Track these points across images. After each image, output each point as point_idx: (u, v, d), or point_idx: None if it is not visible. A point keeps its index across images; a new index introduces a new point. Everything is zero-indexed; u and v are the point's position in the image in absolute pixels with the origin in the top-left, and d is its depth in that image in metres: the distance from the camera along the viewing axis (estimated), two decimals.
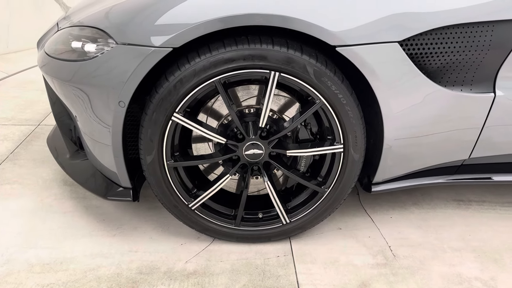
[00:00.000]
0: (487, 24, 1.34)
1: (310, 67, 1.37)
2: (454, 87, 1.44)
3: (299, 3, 1.30)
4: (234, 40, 1.36)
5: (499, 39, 1.35)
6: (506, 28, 1.34)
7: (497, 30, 1.34)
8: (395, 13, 1.31)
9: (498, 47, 1.37)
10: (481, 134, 1.53)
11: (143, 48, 1.34)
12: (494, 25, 1.34)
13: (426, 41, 1.35)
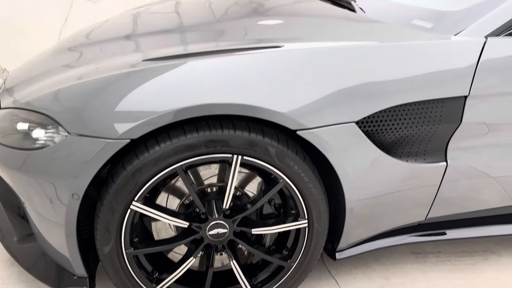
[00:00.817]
0: (437, 101, 1.40)
1: (272, 149, 1.37)
2: (409, 158, 1.49)
3: (258, 91, 1.31)
4: (194, 126, 1.33)
5: (448, 113, 1.42)
6: (454, 104, 1.41)
7: (447, 105, 1.41)
8: (352, 96, 1.35)
9: (447, 121, 1.43)
10: (436, 198, 1.59)
11: (98, 140, 1.28)
12: (443, 101, 1.40)
13: (381, 119, 1.40)
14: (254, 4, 2.17)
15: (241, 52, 1.39)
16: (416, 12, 1.64)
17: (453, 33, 1.46)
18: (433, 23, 1.54)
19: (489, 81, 1.40)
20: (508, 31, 1.42)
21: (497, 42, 1.40)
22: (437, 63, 1.39)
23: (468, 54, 1.39)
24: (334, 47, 1.38)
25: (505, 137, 1.50)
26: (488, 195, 1.62)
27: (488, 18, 1.44)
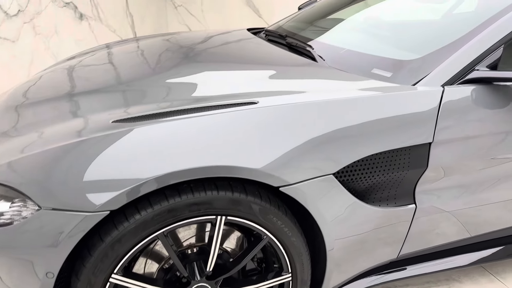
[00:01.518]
0: (405, 149, 1.48)
1: (256, 206, 1.36)
2: (381, 203, 1.55)
3: (240, 150, 1.30)
4: (176, 190, 1.29)
5: (415, 160, 1.51)
6: (420, 151, 1.50)
7: (414, 152, 1.50)
8: (329, 150, 1.39)
9: (415, 167, 1.52)
10: (406, 237, 1.66)
11: (73, 213, 1.20)
12: (410, 149, 1.49)
13: (355, 168, 1.46)
14: (202, 50, 2.19)
15: (217, 110, 1.38)
16: (375, 61, 1.72)
17: (411, 82, 1.56)
18: (392, 72, 1.63)
19: (450, 127, 1.50)
20: (461, 80, 1.54)
21: (453, 90, 1.52)
22: (403, 113, 1.46)
23: (429, 103, 1.49)
24: (310, 102, 1.42)
25: (465, 177, 1.60)
26: (450, 230, 1.72)
27: (442, 68, 1.55)
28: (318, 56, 1.84)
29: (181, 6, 5.37)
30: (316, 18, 2.46)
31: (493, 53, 1.56)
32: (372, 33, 2.09)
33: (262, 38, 2.35)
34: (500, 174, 1.64)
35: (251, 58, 2.05)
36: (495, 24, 1.60)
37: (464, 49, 1.57)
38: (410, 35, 1.93)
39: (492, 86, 1.55)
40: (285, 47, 2.08)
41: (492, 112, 1.54)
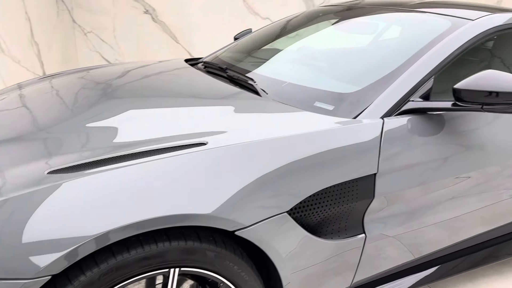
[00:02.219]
0: (352, 182, 1.50)
1: (211, 253, 1.28)
2: (333, 235, 1.55)
3: (191, 198, 1.23)
4: (124, 245, 1.17)
5: (362, 191, 1.53)
6: (367, 181, 1.53)
7: (361, 184, 1.52)
8: (282, 188, 1.36)
9: (362, 198, 1.54)
10: (359, 265, 1.67)
11: (9, 282, 1.04)
12: (357, 181, 1.51)
13: (307, 204, 1.44)
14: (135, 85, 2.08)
15: (162, 154, 1.29)
16: (317, 94, 1.74)
17: (352, 115, 1.60)
18: (334, 105, 1.66)
19: (392, 157, 1.55)
20: (397, 111, 1.61)
21: (391, 122, 1.57)
22: (349, 146, 1.49)
23: (372, 135, 1.52)
24: (260, 140, 1.39)
25: (408, 203, 1.66)
26: (396, 254, 1.77)
27: (380, 101, 1.61)
28: (261, 90, 1.82)
29: (91, 32, 5.11)
30: (254, 48, 2.45)
31: (425, 84, 1.65)
32: (311, 64, 2.12)
33: (201, 69, 2.28)
34: (439, 197, 1.72)
35: (189, 92, 1.97)
36: (424, 57, 1.71)
37: (399, 82, 1.65)
38: (348, 67, 2.00)
39: (426, 115, 1.63)
40: (225, 79, 2.03)
41: (428, 139, 1.62)
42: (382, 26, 2.23)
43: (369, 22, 2.28)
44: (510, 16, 1.95)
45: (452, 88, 1.55)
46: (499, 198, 1.90)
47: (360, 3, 2.51)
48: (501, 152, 1.81)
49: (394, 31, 2.17)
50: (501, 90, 1.49)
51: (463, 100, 1.54)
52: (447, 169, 1.67)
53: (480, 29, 1.82)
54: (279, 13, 4.43)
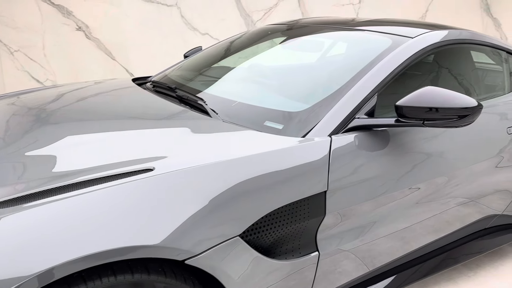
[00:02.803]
0: (304, 200, 1.49)
1: (160, 285, 1.20)
2: (287, 255, 1.51)
3: (137, 228, 1.15)
4: (66, 283, 1.07)
5: (314, 209, 1.52)
6: (318, 199, 1.52)
7: (312, 202, 1.51)
8: (233, 212, 1.32)
9: (314, 216, 1.53)
10: (314, 283, 1.64)
11: None
12: (308, 199, 1.50)
13: (259, 225, 1.40)
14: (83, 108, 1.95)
15: (105, 183, 1.21)
16: (267, 113, 1.73)
17: (301, 134, 1.59)
18: (283, 124, 1.65)
19: (341, 175, 1.55)
20: (344, 128, 1.63)
21: (339, 139, 1.58)
22: (299, 165, 1.47)
23: (321, 153, 1.52)
24: (209, 164, 1.33)
25: (361, 217, 1.67)
26: (352, 268, 1.76)
27: (327, 119, 1.62)
28: (211, 110, 1.77)
29: (18, 51, 4.80)
30: (204, 66, 2.40)
31: (369, 101, 1.69)
32: (261, 83, 2.10)
33: (149, 89, 2.18)
34: (390, 209, 1.74)
35: (134, 113, 1.87)
36: (368, 75, 1.75)
37: (344, 100, 1.67)
38: (296, 85, 2.00)
39: (372, 132, 1.66)
40: (175, 99, 1.96)
41: (375, 154, 1.65)
42: (328, 45, 2.26)
43: (316, 40, 2.31)
44: (447, 32, 2.05)
45: (394, 105, 1.58)
46: (447, 206, 1.97)
47: (307, 22, 2.54)
48: (446, 163, 1.88)
49: (339, 49, 2.20)
50: (440, 106, 1.54)
51: (405, 116, 1.58)
52: (396, 182, 1.70)
53: (419, 46, 1.89)
54: (218, 28, 4.45)
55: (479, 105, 1.56)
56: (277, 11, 4.70)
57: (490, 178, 2.09)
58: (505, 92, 2.32)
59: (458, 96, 1.56)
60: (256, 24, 4.62)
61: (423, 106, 1.54)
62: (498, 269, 2.42)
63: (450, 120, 1.55)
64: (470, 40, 2.20)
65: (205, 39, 4.42)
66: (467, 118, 1.55)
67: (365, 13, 5.16)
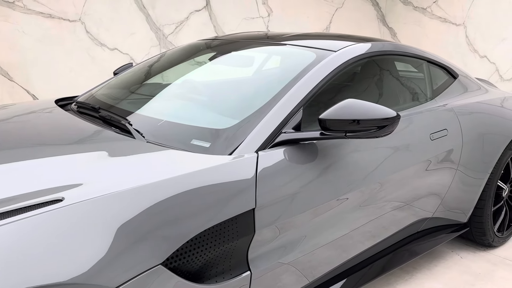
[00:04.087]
0: (231, 220, 1.44)
1: None
2: (218, 278, 1.46)
3: (47, 265, 1.07)
4: None
5: (243, 228, 1.49)
6: (246, 218, 1.49)
7: (240, 220, 1.47)
8: (153, 240, 1.26)
9: (243, 235, 1.50)
10: None
11: None
12: (236, 218, 1.46)
13: (185, 251, 1.35)
14: None
15: (8, 218, 1.11)
16: (194, 131, 1.68)
17: (228, 151, 1.56)
18: (210, 142, 1.61)
19: (270, 190, 1.54)
20: (272, 143, 1.62)
21: (266, 155, 1.57)
22: (224, 185, 1.44)
23: (247, 170, 1.50)
24: (127, 190, 1.26)
25: (297, 230, 1.66)
26: (292, 281, 1.75)
27: (254, 135, 1.61)
28: (134, 131, 1.69)
29: None
30: (131, 84, 2.30)
31: (295, 115, 1.70)
32: (189, 99, 2.05)
33: (73, 110, 2.04)
34: (324, 219, 1.75)
35: (48, 138, 1.75)
36: (293, 89, 1.76)
37: (270, 115, 1.67)
38: (223, 102, 1.97)
39: (300, 145, 1.67)
40: (98, 120, 1.86)
41: (304, 167, 1.65)
42: (256, 60, 2.26)
43: (244, 55, 2.30)
44: (370, 45, 2.12)
45: (318, 118, 1.60)
46: (382, 211, 2.01)
47: (235, 37, 2.52)
48: (375, 171, 1.91)
49: (266, 64, 2.21)
50: (360, 117, 1.57)
51: (329, 129, 1.60)
52: (328, 192, 1.72)
53: (342, 59, 1.94)
54: (128, 43, 4.30)
55: (397, 115, 1.61)
56: (189, 24, 4.64)
57: (419, 183, 2.16)
58: (428, 99, 2.42)
59: (377, 108, 1.60)
60: (168, 38, 4.52)
61: (344, 119, 1.57)
62: (433, 270, 2.52)
63: (370, 132, 1.59)
64: (392, 51, 2.29)
65: (115, 55, 4.25)
66: (386, 129, 1.60)
67: (274, 26, 5.29)
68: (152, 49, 4.45)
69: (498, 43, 5.32)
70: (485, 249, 2.80)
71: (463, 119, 2.42)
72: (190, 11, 4.64)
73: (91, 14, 4.09)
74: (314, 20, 5.66)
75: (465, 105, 2.52)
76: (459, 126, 2.38)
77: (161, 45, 4.49)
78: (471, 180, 2.48)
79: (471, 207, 2.58)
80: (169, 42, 4.55)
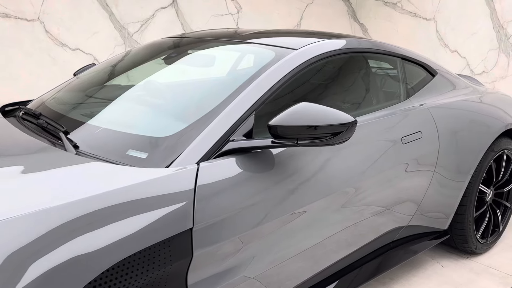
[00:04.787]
0: (163, 243, 1.29)
1: None
2: None
3: None
4: None
5: (177, 251, 1.33)
6: (181, 239, 1.33)
7: (173, 244, 1.32)
8: (67, 270, 1.10)
9: (179, 258, 1.34)
10: None
11: None
12: (169, 241, 1.30)
13: (105, 280, 1.18)
14: None
15: None
16: (131, 140, 1.53)
17: (165, 163, 1.41)
18: (148, 152, 1.46)
19: (213, 206, 1.38)
20: (217, 153, 1.47)
21: (210, 166, 1.42)
22: (151, 203, 1.27)
23: (183, 185, 1.34)
24: (33, 213, 1.11)
25: (259, 242, 1.54)
26: None
27: (196, 145, 1.46)
28: (67, 141, 1.52)
29: None
30: (85, 88, 2.11)
31: (246, 120, 1.55)
32: (136, 104, 1.86)
33: (18, 117, 1.89)
34: (292, 228, 1.62)
35: None
36: (244, 92, 1.60)
37: (217, 121, 1.52)
38: (171, 105, 1.80)
39: (253, 153, 1.53)
40: (40, 128, 1.70)
41: (259, 177, 1.51)
42: (216, 60, 2.09)
43: (203, 55, 2.12)
44: (337, 42, 1.96)
45: (267, 124, 1.45)
46: (350, 222, 1.87)
47: (196, 35, 2.35)
48: (342, 178, 1.78)
49: (222, 65, 2.05)
50: (314, 123, 1.43)
51: (280, 137, 1.45)
52: (286, 203, 1.58)
53: (303, 58, 1.78)
54: (91, 42, 4.13)
55: (354, 121, 1.47)
56: (155, 22, 4.49)
57: (391, 190, 2.02)
58: (401, 100, 2.26)
59: (332, 112, 1.46)
60: (133, 37, 4.37)
61: (296, 125, 1.42)
62: (411, 281, 2.40)
63: (323, 139, 1.44)
64: (362, 49, 2.12)
65: (77, 55, 4.08)
66: (341, 135, 1.45)
67: (244, 23, 5.18)
68: (117, 48, 4.29)
69: (468, 37, 5.29)
70: (468, 256, 2.66)
71: (440, 120, 2.27)
72: (155, 8, 4.49)
73: (50, 13, 3.91)
74: (284, 16, 5.57)
75: (443, 104, 2.37)
76: (435, 127, 2.24)
77: (126, 44, 4.33)
78: (450, 183, 2.34)
79: (451, 212, 2.43)
80: (134, 41, 4.40)
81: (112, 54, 4.25)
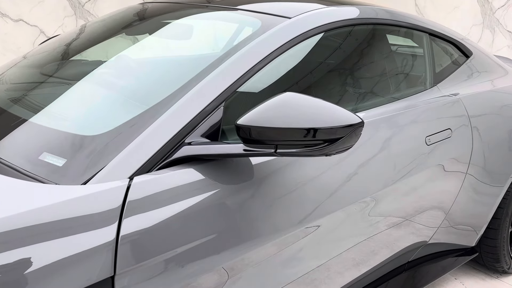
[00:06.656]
0: None
1: None
2: None
3: None
4: None
5: None
6: None
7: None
8: None
9: None
10: None
11: None
12: None
13: None
14: None
15: None
16: (50, 139, 1.12)
17: (83, 178, 0.98)
18: (67, 157, 1.04)
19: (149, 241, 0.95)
20: (164, 162, 1.03)
21: (149, 181, 0.99)
22: (58, 241, 0.86)
23: (103, 213, 0.92)
24: None
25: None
26: None
27: (131, 150, 1.02)
28: None
29: None
30: (32, 68, 1.65)
31: (211, 115, 1.11)
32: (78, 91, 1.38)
33: None
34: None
35: None
36: (208, 77, 1.16)
37: (166, 117, 1.08)
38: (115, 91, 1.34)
39: (216, 161, 1.09)
40: None
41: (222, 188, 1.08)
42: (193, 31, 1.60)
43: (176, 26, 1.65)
44: (349, 10, 1.53)
45: (235, 124, 1.02)
46: (375, 231, 1.48)
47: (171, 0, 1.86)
48: (345, 189, 1.36)
49: (188, 39, 1.57)
50: (303, 125, 0.99)
51: (254, 141, 1.01)
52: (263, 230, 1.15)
53: (298, 30, 1.34)
54: (36, 13, 3.67)
55: (360, 122, 1.02)
56: None
57: (410, 202, 1.61)
58: (427, 87, 1.80)
59: (329, 109, 1.02)
60: (84, 7, 3.88)
61: (276, 127, 0.98)
62: None
63: (315, 148, 1.00)
64: (372, 20, 1.64)
65: (20, 26, 3.64)
66: (341, 142, 1.01)
67: None
68: (67, 19, 3.79)
69: (450, 12, 4.79)
70: (498, 276, 2.28)
71: (475, 113, 1.82)
72: None
73: None
74: None
75: (480, 94, 1.91)
76: (468, 123, 1.80)
77: (77, 15, 3.84)
78: (485, 188, 1.93)
79: (482, 225, 2.03)
80: (86, 11, 3.90)
81: (62, 26, 3.78)
